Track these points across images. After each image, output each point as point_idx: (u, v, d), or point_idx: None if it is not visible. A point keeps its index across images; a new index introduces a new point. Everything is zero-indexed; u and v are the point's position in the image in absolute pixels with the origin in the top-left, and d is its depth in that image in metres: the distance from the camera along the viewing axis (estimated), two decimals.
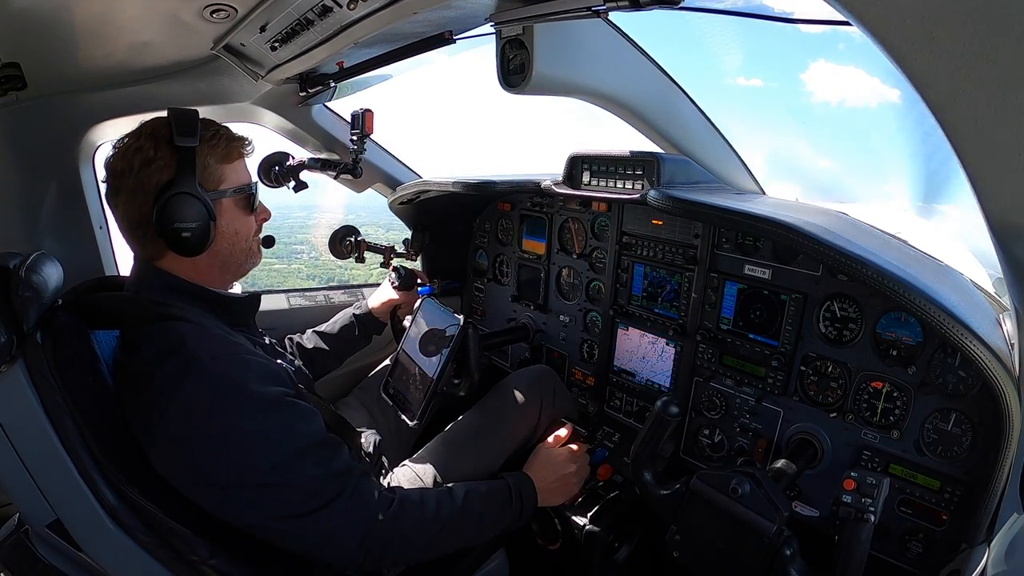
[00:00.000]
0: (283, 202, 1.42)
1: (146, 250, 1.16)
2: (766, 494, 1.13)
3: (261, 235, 1.33)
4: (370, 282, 2.40)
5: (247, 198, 1.24)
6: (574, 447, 1.56)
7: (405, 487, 1.32)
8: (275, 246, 1.43)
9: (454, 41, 1.30)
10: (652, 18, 1.06)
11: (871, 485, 1.03)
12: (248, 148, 1.25)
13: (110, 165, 1.13)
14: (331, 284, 2.39)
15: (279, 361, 1.24)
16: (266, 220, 1.33)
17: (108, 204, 1.16)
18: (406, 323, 1.64)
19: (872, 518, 1.01)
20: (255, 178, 1.28)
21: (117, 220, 1.17)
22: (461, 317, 1.46)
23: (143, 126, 1.14)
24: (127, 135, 1.14)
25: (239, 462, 1.01)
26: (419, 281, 1.99)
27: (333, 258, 2.11)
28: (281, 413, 1.06)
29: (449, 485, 1.30)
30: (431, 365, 1.46)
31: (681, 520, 1.23)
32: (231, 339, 1.15)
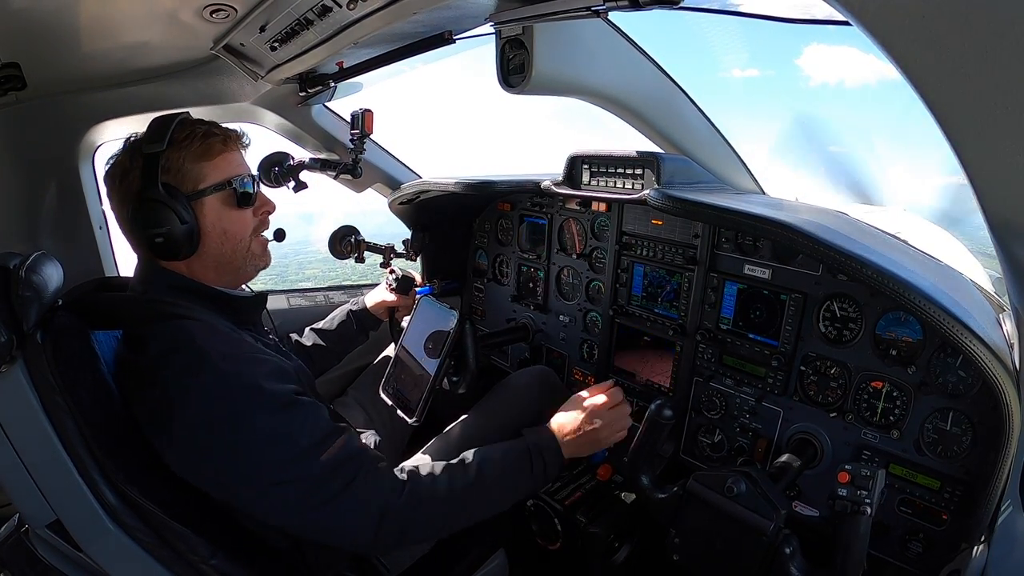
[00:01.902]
0: (289, 238, 1.42)
1: (143, 254, 1.19)
2: (763, 492, 1.13)
3: (270, 230, 1.30)
4: (371, 282, 2.41)
5: (234, 193, 1.19)
6: (602, 398, 1.41)
7: None
8: (278, 285, 1.43)
9: (454, 41, 1.30)
10: (648, 16, 1.06)
11: (866, 477, 1.01)
12: (238, 143, 1.23)
13: (105, 178, 1.19)
14: (331, 284, 2.40)
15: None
16: (269, 213, 1.29)
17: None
18: (404, 323, 1.64)
19: (868, 510, 1.00)
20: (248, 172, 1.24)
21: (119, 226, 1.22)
22: (457, 312, 1.46)
23: (130, 138, 1.18)
24: (120, 149, 1.18)
25: (256, 460, 1.02)
26: (416, 283, 2.00)
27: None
28: (294, 410, 1.07)
29: (462, 456, 1.26)
30: (430, 362, 1.46)
31: (679, 523, 1.23)
32: (238, 337, 1.15)
